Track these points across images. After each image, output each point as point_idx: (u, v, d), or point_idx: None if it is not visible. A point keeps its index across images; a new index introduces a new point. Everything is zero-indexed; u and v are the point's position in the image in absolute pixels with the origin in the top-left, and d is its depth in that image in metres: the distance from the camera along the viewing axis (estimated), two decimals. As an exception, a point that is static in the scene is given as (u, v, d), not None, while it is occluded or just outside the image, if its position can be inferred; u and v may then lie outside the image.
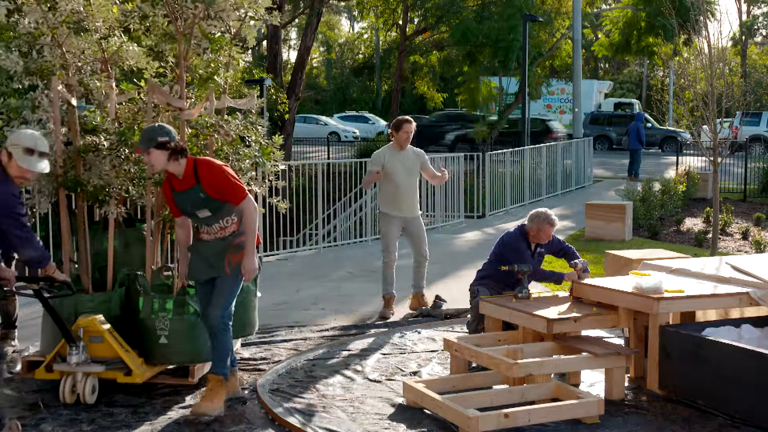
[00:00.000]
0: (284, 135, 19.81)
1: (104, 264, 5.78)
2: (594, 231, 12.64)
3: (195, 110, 5.74)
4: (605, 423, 4.83)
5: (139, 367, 5.30)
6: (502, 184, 16.08)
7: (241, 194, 4.91)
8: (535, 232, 6.36)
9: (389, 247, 7.67)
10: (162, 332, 5.40)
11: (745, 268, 5.85)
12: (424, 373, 5.94)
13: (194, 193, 4.91)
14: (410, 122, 7.67)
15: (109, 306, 5.53)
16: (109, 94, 5.79)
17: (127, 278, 5.66)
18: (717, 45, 10.96)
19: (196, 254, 5.12)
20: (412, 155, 7.74)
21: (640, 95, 50.06)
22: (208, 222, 5.02)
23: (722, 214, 13.56)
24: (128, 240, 6.01)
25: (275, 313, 7.85)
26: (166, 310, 5.43)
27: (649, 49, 27.26)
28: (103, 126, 5.69)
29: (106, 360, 5.23)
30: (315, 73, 56.94)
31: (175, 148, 4.86)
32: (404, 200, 7.67)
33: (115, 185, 5.58)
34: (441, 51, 29.73)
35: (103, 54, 5.77)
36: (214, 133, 5.80)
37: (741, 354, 4.75)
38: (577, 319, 5.49)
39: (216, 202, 4.91)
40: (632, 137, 21.82)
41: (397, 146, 7.65)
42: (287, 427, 4.86)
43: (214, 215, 4.97)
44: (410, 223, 7.74)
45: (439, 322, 7.44)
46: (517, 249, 6.37)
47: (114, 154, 5.56)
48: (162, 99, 5.64)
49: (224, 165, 5.01)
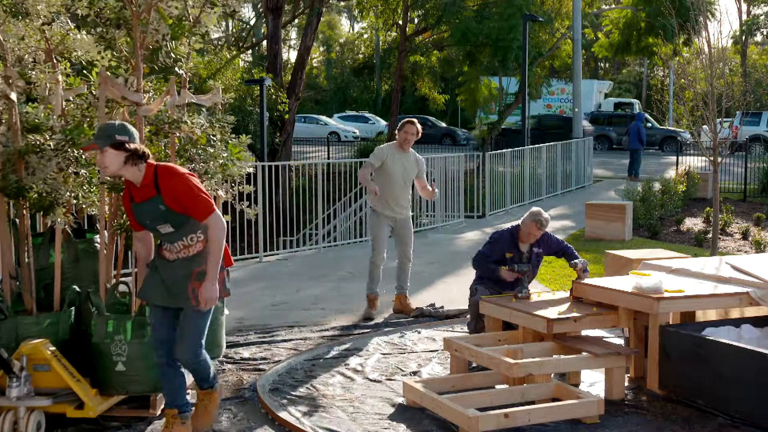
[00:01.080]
0: (284, 135, 19.91)
1: (50, 281, 5.11)
2: (594, 231, 12.64)
3: (154, 105, 5.14)
4: (605, 423, 4.83)
5: (93, 398, 4.67)
6: (502, 184, 16.08)
7: (207, 209, 4.26)
8: (522, 228, 6.37)
9: (379, 246, 7.64)
10: (118, 358, 4.75)
11: (745, 268, 5.85)
12: (424, 373, 5.94)
13: (154, 204, 4.29)
14: (413, 124, 7.65)
15: (57, 329, 4.85)
16: (55, 88, 5.14)
17: (78, 297, 5.03)
18: (717, 45, 10.97)
19: (154, 273, 4.45)
20: (413, 160, 7.73)
21: (640, 95, 50.07)
22: (171, 239, 4.37)
23: (722, 214, 13.57)
24: (78, 253, 5.33)
25: (275, 313, 7.86)
26: (123, 333, 4.77)
27: (649, 49, 27.26)
28: (48, 124, 4.98)
29: (54, 391, 4.59)
30: (315, 73, 56.94)
31: (134, 151, 4.26)
32: (398, 200, 7.63)
33: (62, 191, 4.90)
34: (441, 51, 29.71)
35: (47, 42, 5.14)
36: (176, 130, 5.21)
37: (741, 354, 4.75)
38: (577, 319, 5.49)
39: (179, 216, 4.29)
40: (632, 137, 21.83)
41: (399, 147, 7.64)
42: (287, 426, 4.86)
43: (177, 231, 4.33)
44: (400, 223, 7.71)
45: (439, 322, 7.44)
46: (493, 243, 6.45)
47: (61, 155, 4.88)
48: (116, 93, 5.00)
49: (189, 174, 4.38)
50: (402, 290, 7.81)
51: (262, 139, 16.28)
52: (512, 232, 6.48)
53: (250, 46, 33.57)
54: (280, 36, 20.95)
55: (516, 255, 6.42)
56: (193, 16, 5.34)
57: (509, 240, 6.44)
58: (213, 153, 5.42)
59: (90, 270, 5.29)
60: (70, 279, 5.19)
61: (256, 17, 37.73)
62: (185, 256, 4.38)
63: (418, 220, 13.72)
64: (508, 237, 6.46)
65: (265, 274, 9.99)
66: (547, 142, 19.01)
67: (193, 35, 5.43)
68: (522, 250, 6.45)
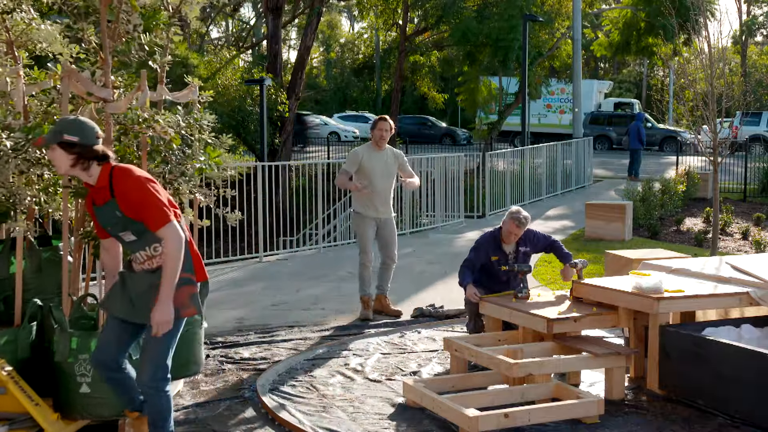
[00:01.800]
0: (284, 135, 19.91)
1: (11, 293, 4.74)
2: (594, 231, 12.64)
3: (123, 102, 4.71)
4: (605, 423, 4.83)
5: (53, 424, 4.27)
6: (502, 183, 16.08)
7: (161, 218, 3.84)
8: (505, 230, 6.36)
9: (366, 248, 7.56)
10: (83, 379, 4.29)
11: (745, 268, 5.85)
12: (424, 373, 5.94)
13: (110, 209, 3.91)
14: (385, 120, 7.55)
15: (15, 347, 4.43)
16: (16, 83, 4.74)
17: (40, 311, 4.58)
18: (717, 45, 10.97)
19: (120, 284, 4.09)
20: (391, 155, 7.62)
21: (640, 95, 50.06)
22: (133, 248, 4.02)
23: (722, 213, 13.57)
24: (41, 263, 4.93)
25: (275, 313, 7.86)
26: (89, 351, 4.29)
27: (649, 49, 27.26)
28: (5, 122, 4.60)
29: (10, 416, 4.23)
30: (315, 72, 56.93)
31: (84, 152, 3.85)
32: (380, 200, 7.54)
33: (23, 195, 4.54)
34: (441, 51, 29.73)
35: (7, 33, 4.82)
36: (147, 130, 4.76)
37: (741, 354, 4.75)
38: (577, 319, 5.49)
39: (137, 223, 3.90)
40: (632, 137, 21.83)
41: (375, 145, 7.56)
42: (287, 426, 4.86)
43: (139, 240, 3.95)
44: (384, 224, 7.63)
45: (439, 322, 7.44)
46: (477, 248, 6.45)
47: (21, 156, 4.47)
48: (81, 88, 4.58)
49: (147, 178, 3.94)
50: (382, 291, 7.75)
51: (261, 139, 16.29)
52: (494, 234, 6.46)
53: (250, 46, 33.58)
54: (280, 36, 20.96)
55: (501, 257, 6.40)
56: (172, 5, 5.04)
57: (492, 243, 6.43)
58: (190, 154, 5.03)
59: (55, 281, 4.91)
60: (33, 291, 4.82)
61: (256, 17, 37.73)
62: (149, 267, 4.00)
63: (418, 220, 13.72)
64: (491, 240, 6.45)
65: (265, 274, 9.99)
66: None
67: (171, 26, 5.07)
68: (507, 251, 6.43)
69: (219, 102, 18.65)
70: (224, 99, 18.68)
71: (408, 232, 13.02)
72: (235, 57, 22.67)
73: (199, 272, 4.11)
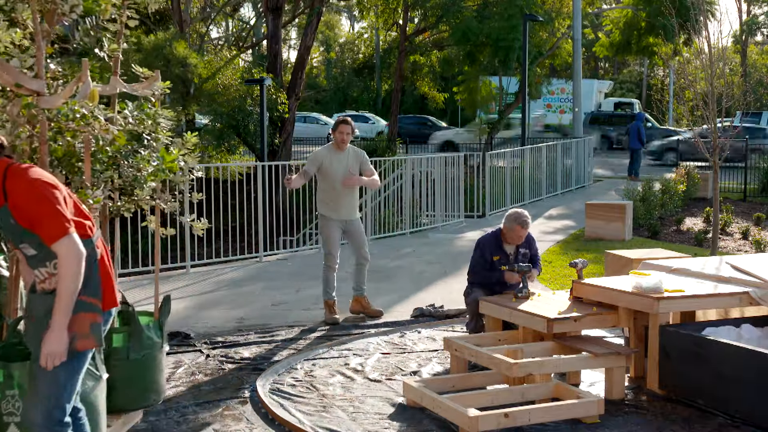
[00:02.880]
0: (284, 135, 19.90)
1: None
2: (594, 231, 12.64)
3: (59, 96, 4.10)
4: (605, 423, 4.84)
5: None
6: (502, 183, 16.08)
7: (57, 230, 3.22)
8: (507, 231, 6.38)
9: (332, 250, 7.50)
10: (11, 418, 3.70)
11: (745, 268, 5.85)
12: (425, 373, 5.94)
13: (5, 216, 3.32)
14: (347, 123, 7.52)
15: None
16: None
17: None
18: (717, 45, 10.96)
19: (27, 311, 3.50)
20: (353, 155, 7.59)
21: (640, 95, 50.06)
22: (33, 263, 3.39)
23: (722, 213, 13.56)
24: None
25: (275, 312, 7.86)
26: (17, 386, 3.66)
27: (650, 49, 27.27)
28: None
29: None
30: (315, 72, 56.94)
31: None
32: (344, 202, 7.50)
33: None
34: (441, 50, 29.72)
35: None
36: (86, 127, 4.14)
37: (741, 354, 4.75)
38: (577, 319, 5.49)
39: (35, 235, 3.29)
40: (632, 137, 21.84)
41: (336, 147, 7.54)
42: (287, 426, 4.86)
43: (39, 254, 3.34)
44: (350, 225, 7.60)
45: (439, 322, 7.44)
46: (481, 249, 6.46)
47: None
48: (8, 79, 3.98)
49: (46, 181, 3.32)
50: (360, 291, 7.71)
51: (262, 139, 16.27)
52: (496, 235, 6.52)
53: (250, 46, 33.56)
54: (280, 36, 20.94)
55: (502, 257, 6.45)
56: None
57: (494, 243, 6.47)
58: (144, 157, 4.49)
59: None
60: None
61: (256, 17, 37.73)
62: (48, 288, 3.37)
63: (418, 220, 13.72)
64: (492, 240, 6.49)
65: (265, 273, 9.99)
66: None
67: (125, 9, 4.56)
68: (507, 251, 6.48)
69: (219, 102, 18.65)
70: (224, 99, 18.68)
71: (408, 232, 13.02)
72: (235, 57, 22.65)
73: (107, 298, 3.44)
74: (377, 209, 13.47)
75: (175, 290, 8.94)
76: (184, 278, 9.59)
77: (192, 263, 10.10)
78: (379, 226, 13.12)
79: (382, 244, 12.20)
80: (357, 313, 7.69)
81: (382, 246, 11.94)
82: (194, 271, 10.00)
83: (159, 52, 18.68)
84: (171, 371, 5.95)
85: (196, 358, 6.30)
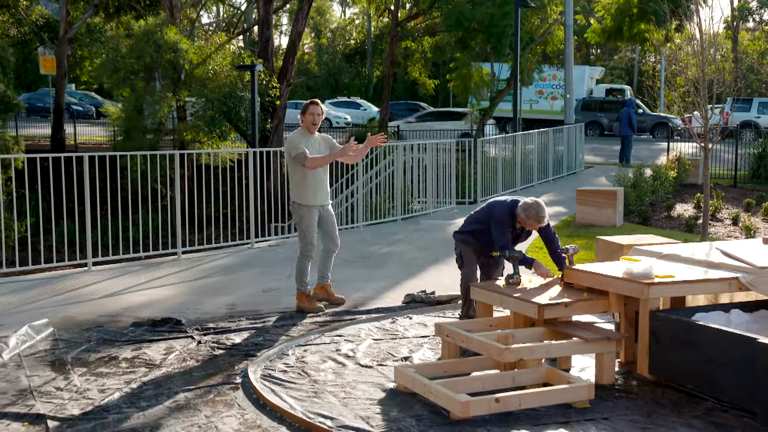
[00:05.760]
0: (276, 121, 19.84)
1: None
2: (585, 217, 12.67)
3: None
4: (595, 407, 4.86)
5: None
6: (493, 170, 16.08)
7: None
8: (523, 220, 6.34)
9: (312, 239, 7.32)
10: None
11: (735, 254, 5.87)
12: (416, 359, 5.95)
13: None
14: (316, 104, 7.33)
15: None
16: None
17: None
18: (708, 31, 10.97)
19: None
20: (322, 142, 7.44)
21: (631, 81, 50.06)
22: None
23: (713, 199, 13.62)
24: None
25: (267, 298, 7.86)
26: None
27: (642, 35, 27.24)
28: None
29: None
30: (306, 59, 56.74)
31: None
32: (321, 187, 7.35)
33: None
34: (433, 36, 29.65)
35: None
36: None
37: (730, 339, 4.77)
38: (568, 305, 5.51)
39: None
40: (623, 123, 21.85)
41: (307, 129, 7.34)
42: (279, 412, 4.87)
43: None
44: (325, 210, 7.46)
45: (430, 308, 7.45)
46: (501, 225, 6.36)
47: None
48: None
49: None
50: (325, 279, 7.60)
51: (253, 125, 16.23)
52: (511, 210, 6.38)
53: (241, 32, 33.38)
54: (271, 21, 20.83)
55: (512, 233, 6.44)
56: None
57: (509, 219, 6.39)
58: None
59: None
60: None
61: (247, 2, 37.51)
62: None
63: (410, 207, 13.72)
64: (508, 216, 6.38)
65: (256, 259, 9.98)
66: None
67: None
68: (517, 228, 6.48)
69: (210, 88, 18.55)
70: (215, 85, 18.59)
71: (399, 219, 13.02)
72: (226, 43, 22.52)
73: None
74: (369, 195, 13.46)
75: (167, 277, 8.92)
76: (176, 265, 9.58)
77: (183, 250, 10.07)
78: (370, 213, 13.11)
79: (373, 230, 12.20)
80: (321, 300, 7.61)
81: (373, 232, 11.94)
82: (185, 258, 9.98)
83: (149, 37, 18.55)
84: (162, 357, 5.95)
85: (188, 345, 6.30)
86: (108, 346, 6.26)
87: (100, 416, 4.78)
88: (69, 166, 9.46)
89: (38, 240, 9.96)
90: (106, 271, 9.17)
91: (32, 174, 11.76)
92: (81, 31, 27.79)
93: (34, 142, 27.79)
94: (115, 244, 9.89)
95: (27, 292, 8.11)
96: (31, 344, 6.26)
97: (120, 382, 5.38)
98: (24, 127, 31.41)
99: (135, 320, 6.99)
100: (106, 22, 29.12)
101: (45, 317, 6.88)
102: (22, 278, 8.88)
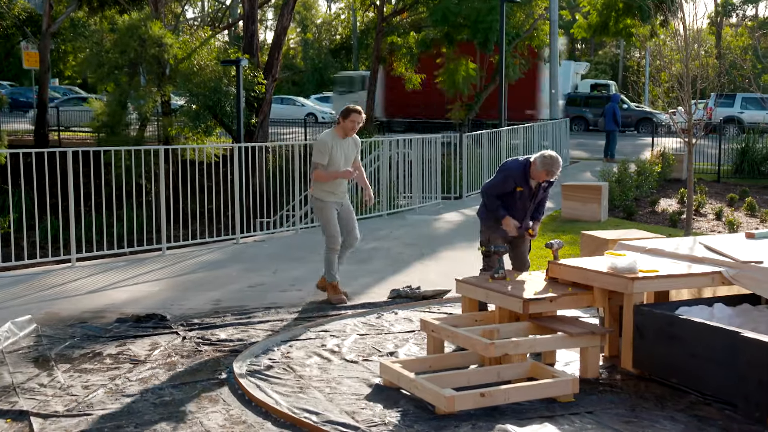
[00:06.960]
0: (261, 116, 19.77)
1: None
2: (570, 212, 12.71)
3: None
4: (580, 401, 4.88)
5: None
6: (479, 165, 16.10)
7: None
8: (534, 169, 6.37)
9: (335, 233, 7.50)
10: None
11: (718, 248, 5.91)
12: (401, 354, 5.96)
13: None
14: (359, 113, 7.48)
15: None
16: None
17: None
18: (692, 26, 11.02)
19: None
20: (353, 143, 7.61)
21: (615, 76, 50.23)
22: None
23: (696, 194, 13.70)
24: None
25: (252, 294, 7.84)
26: None
27: (628, 30, 27.31)
28: None
29: None
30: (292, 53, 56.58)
31: None
32: (342, 185, 7.60)
33: None
34: (419, 32, 29.60)
35: None
36: None
37: (713, 333, 4.80)
38: (553, 299, 5.53)
39: None
40: (608, 118, 21.93)
41: (342, 133, 7.49)
42: (264, 408, 4.86)
43: None
44: (344, 206, 7.64)
45: (416, 303, 7.46)
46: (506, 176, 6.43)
47: None
48: None
49: None
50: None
51: (238, 120, 16.15)
52: (525, 165, 6.39)
53: (226, 26, 33.25)
54: (256, 16, 20.75)
55: (526, 190, 6.44)
56: None
57: (522, 175, 6.40)
58: None
59: None
60: None
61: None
62: None
63: (396, 202, 13.72)
64: (521, 171, 6.39)
65: (242, 255, 9.95)
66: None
67: None
68: (531, 185, 6.47)
69: (195, 83, 18.46)
70: (200, 80, 18.49)
71: (385, 214, 13.02)
72: (211, 37, 22.42)
73: None
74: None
75: (151, 272, 8.88)
76: (160, 260, 9.54)
77: (168, 245, 10.03)
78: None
79: (359, 225, 12.15)
80: (323, 289, 7.67)
81: (359, 228, 11.91)
82: (170, 253, 9.94)
83: (134, 32, 18.44)
84: (147, 353, 5.93)
85: (173, 340, 6.28)
86: (92, 342, 6.23)
87: (84, 413, 4.76)
88: (52, 162, 9.39)
89: (21, 236, 9.90)
90: (90, 267, 9.12)
91: (15, 169, 11.67)
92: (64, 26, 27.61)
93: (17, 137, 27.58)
94: (100, 240, 9.83)
95: (10, 288, 8.06)
96: (14, 341, 6.23)
97: (104, 379, 5.36)
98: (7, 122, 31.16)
99: (119, 316, 6.96)
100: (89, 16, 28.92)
101: (28, 313, 6.84)
102: (4, 274, 8.81)
